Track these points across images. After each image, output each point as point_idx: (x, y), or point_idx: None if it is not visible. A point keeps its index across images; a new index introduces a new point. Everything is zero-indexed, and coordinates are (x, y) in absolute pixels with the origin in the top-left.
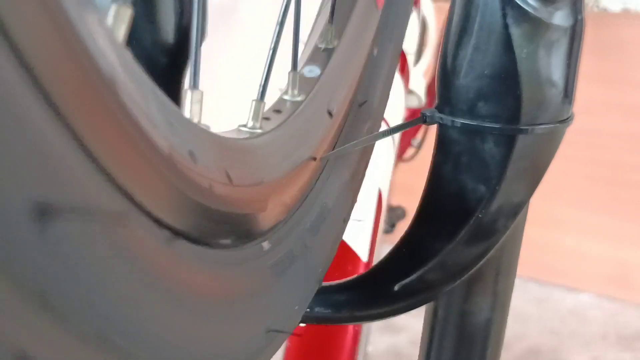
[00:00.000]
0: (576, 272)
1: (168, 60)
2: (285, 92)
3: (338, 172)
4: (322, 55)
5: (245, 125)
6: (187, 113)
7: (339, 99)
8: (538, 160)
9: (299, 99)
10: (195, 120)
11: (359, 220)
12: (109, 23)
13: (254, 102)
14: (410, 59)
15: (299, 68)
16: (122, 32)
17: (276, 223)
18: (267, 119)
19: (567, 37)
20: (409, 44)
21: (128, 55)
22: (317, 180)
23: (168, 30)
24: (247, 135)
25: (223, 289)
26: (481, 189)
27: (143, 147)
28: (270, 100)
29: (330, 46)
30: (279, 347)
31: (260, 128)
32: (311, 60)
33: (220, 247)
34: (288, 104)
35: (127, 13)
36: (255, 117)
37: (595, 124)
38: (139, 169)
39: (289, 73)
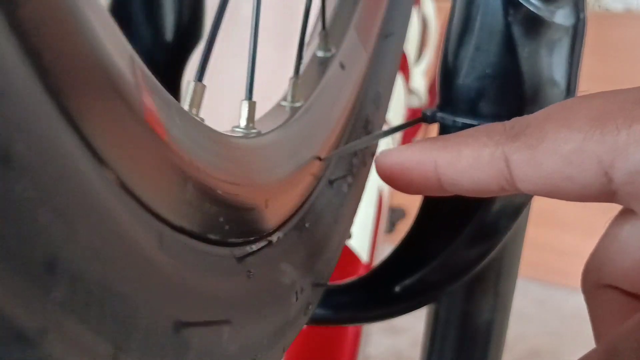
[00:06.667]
0: (578, 273)
1: (167, 58)
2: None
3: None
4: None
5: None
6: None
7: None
8: None
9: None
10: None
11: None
12: (186, 99)
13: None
14: (411, 58)
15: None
16: (198, 106)
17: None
18: None
19: (569, 36)
20: (410, 44)
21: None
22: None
23: (167, 28)
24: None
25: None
26: None
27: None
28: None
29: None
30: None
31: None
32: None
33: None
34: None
35: (202, 89)
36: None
37: None
38: None
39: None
